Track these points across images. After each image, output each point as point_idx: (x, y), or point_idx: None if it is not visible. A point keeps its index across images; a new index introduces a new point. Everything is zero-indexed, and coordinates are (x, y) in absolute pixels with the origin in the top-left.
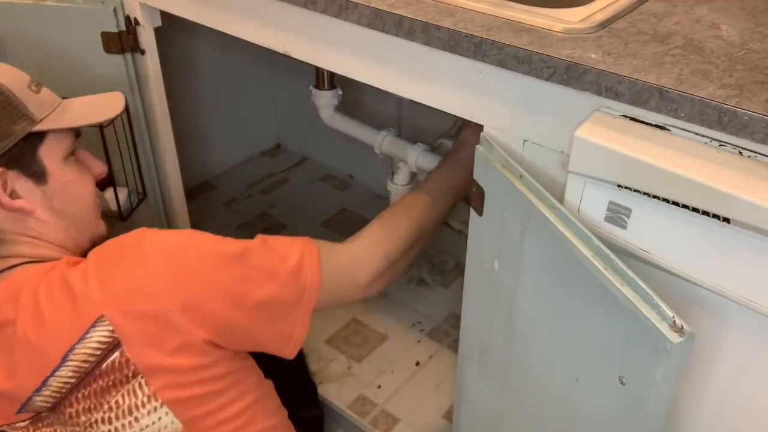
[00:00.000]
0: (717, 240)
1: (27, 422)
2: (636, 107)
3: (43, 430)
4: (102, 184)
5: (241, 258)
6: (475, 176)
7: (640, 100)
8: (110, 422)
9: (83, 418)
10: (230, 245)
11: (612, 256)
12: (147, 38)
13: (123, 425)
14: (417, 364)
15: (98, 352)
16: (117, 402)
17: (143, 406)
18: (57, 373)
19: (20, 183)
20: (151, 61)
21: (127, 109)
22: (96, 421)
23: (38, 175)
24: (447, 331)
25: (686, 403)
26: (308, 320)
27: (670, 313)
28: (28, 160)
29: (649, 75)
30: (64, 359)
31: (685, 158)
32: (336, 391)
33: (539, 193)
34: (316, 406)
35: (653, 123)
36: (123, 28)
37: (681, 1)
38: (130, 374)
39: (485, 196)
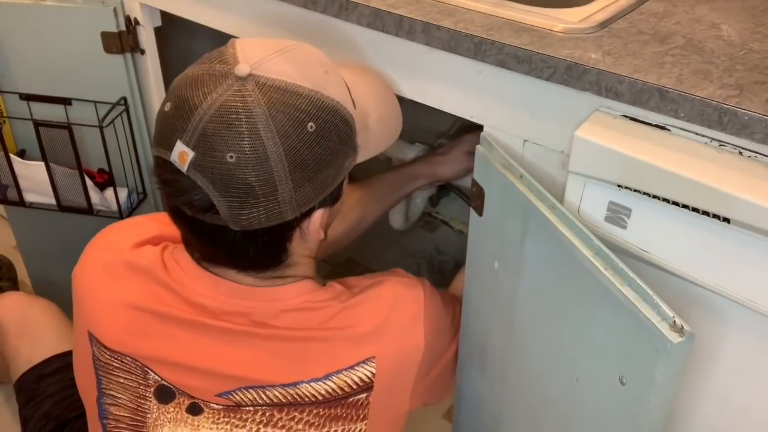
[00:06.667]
0: (717, 240)
1: (221, 407)
2: (636, 107)
3: (232, 421)
4: (102, 184)
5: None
6: (475, 176)
7: (640, 100)
8: None
9: (299, 427)
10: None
11: (612, 256)
12: (147, 38)
13: None
14: None
15: (354, 387)
16: (335, 431)
17: None
18: (312, 384)
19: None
20: (151, 61)
21: (127, 109)
22: None
23: (335, 201)
24: None
25: (686, 403)
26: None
27: (670, 313)
28: (338, 190)
29: (649, 75)
30: (327, 376)
31: (685, 158)
32: None
33: (539, 193)
34: None
35: (653, 123)
36: (123, 28)
37: (681, 1)
38: (361, 416)
39: (485, 196)
